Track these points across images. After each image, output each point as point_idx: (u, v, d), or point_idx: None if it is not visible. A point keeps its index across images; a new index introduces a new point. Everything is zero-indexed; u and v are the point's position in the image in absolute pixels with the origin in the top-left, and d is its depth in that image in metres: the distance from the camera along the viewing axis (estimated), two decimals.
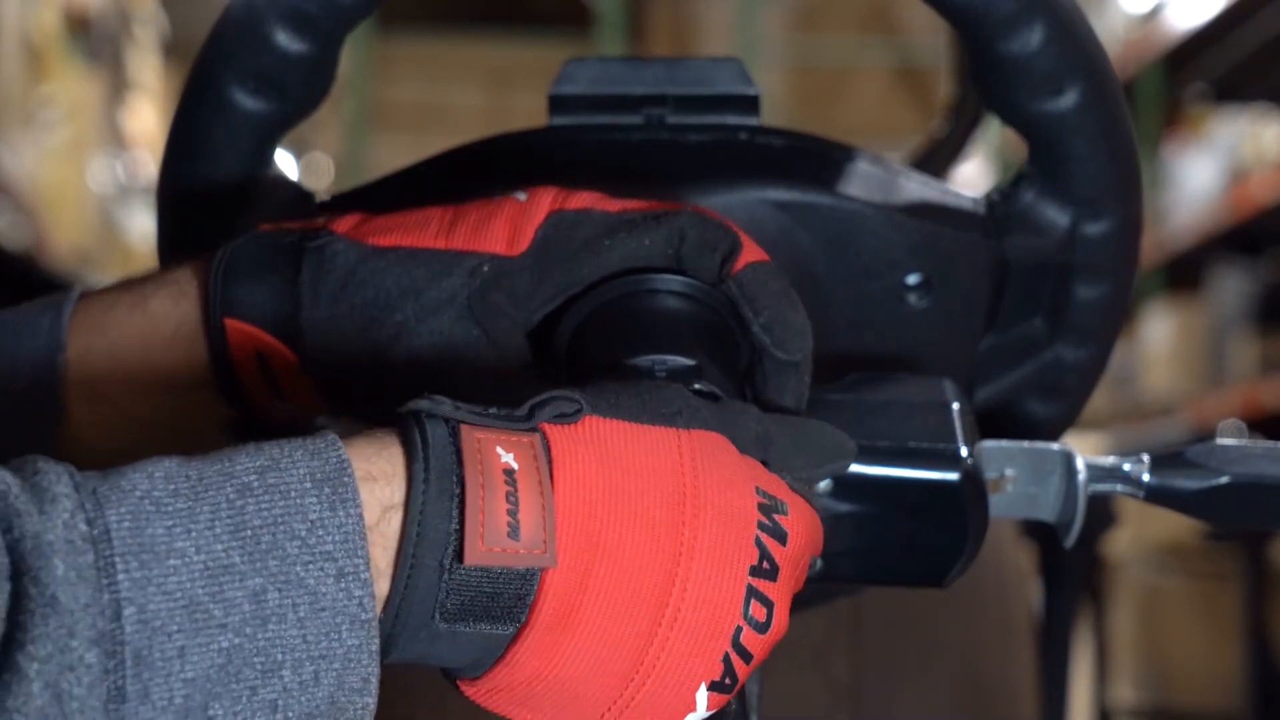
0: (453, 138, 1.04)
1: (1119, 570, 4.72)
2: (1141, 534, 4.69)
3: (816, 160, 0.98)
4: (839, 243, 0.96)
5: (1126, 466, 0.90)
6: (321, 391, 0.84)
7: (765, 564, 0.71)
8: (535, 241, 0.82)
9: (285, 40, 0.93)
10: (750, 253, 0.82)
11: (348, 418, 1.03)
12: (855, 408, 0.86)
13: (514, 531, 0.66)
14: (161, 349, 0.85)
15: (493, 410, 0.69)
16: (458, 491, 0.66)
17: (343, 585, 0.64)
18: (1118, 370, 5.79)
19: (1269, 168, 5.30)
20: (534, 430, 0.69)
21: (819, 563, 0.87)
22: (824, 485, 0.85)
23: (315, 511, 0.64)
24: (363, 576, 0.64)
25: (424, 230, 0.83)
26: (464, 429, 0.67)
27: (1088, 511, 0.90)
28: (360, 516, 0.65)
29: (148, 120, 6.67)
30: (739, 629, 0.70)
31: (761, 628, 0.71)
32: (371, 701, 0.65)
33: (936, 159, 1.76)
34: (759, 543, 0.70)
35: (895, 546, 0.87)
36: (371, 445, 0.68)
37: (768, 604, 0.71)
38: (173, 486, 0.63)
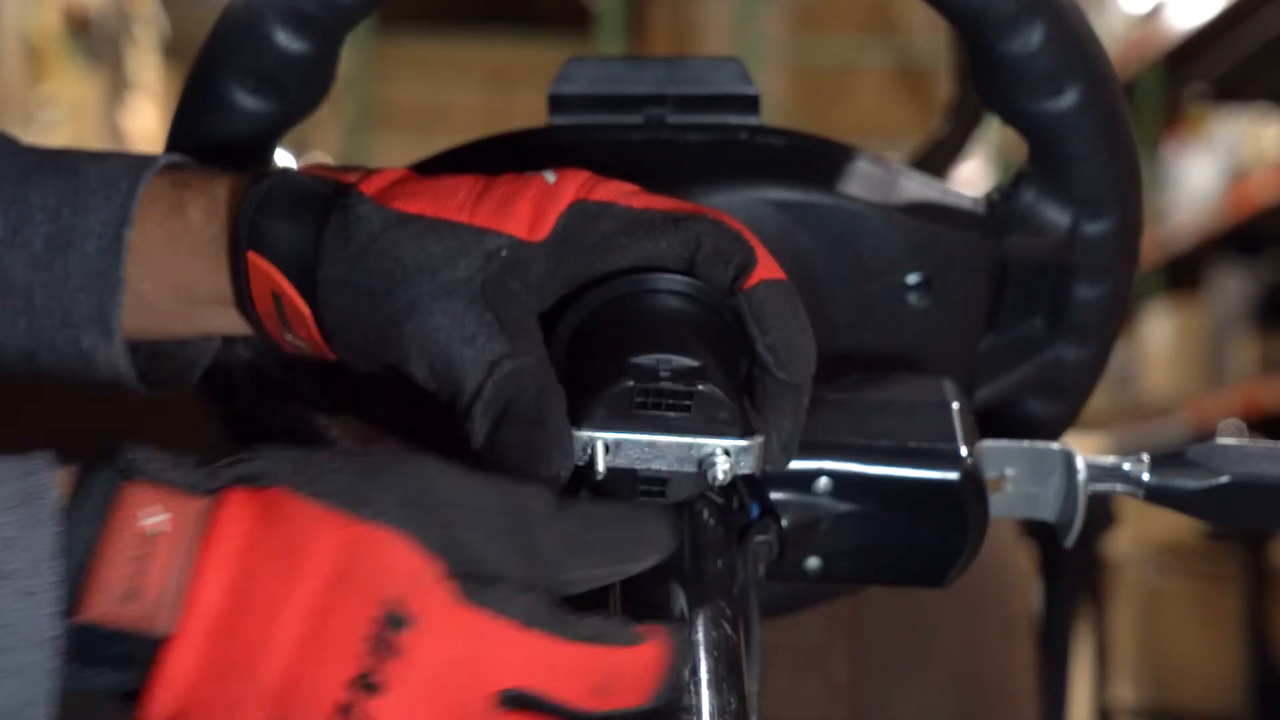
0: (453, 138, 1.04)
1: (1119, 570, 4.72)
2: (1141, 534, 4.69)
3: (816, 160, 0.98)
4: (839, 243, 0.96)
5: (1126, 466, 0.90)
6: (329, 346, 0.84)
7: (373, 678, 0.68)
8: (556, 229, 0.81)
9: (285, 40, 0.93)
10: (765, 269, 0.81)
11: (348, 417, 1.03)
12: (855, 408, 0.86)
13: (130, 596, 0.67)
14: (189, 256, 0.86)
15: (169, 469, 0.69)
16: (89, 549, 0.67)
17: (26, 604, 0.66)
18: (1118, 370, 5.79)
19: (1269, 168, 5.30)
20: (208, 494, 0.69)
21: (817, 562, 0.88)
22: (824, 485, 0.85)
23: (12, 530, 0.66)
24: (48, 595, 0.66)
25: (450, 200, 0.82)
26: (122, 489, 0.68)
27: (1088, 511, 0.90)
28: (55, 537, 0.66)
29: (148, 120, 6.67)
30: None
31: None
32: (50, 712, 0.67)
33: (936, 159, 1.76)
34: (372, 649, 0.69)
35: (895, 546, 0.87)
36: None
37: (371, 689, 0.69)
38: None
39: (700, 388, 0.79)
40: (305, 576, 0.68)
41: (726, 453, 0.78)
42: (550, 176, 0.83)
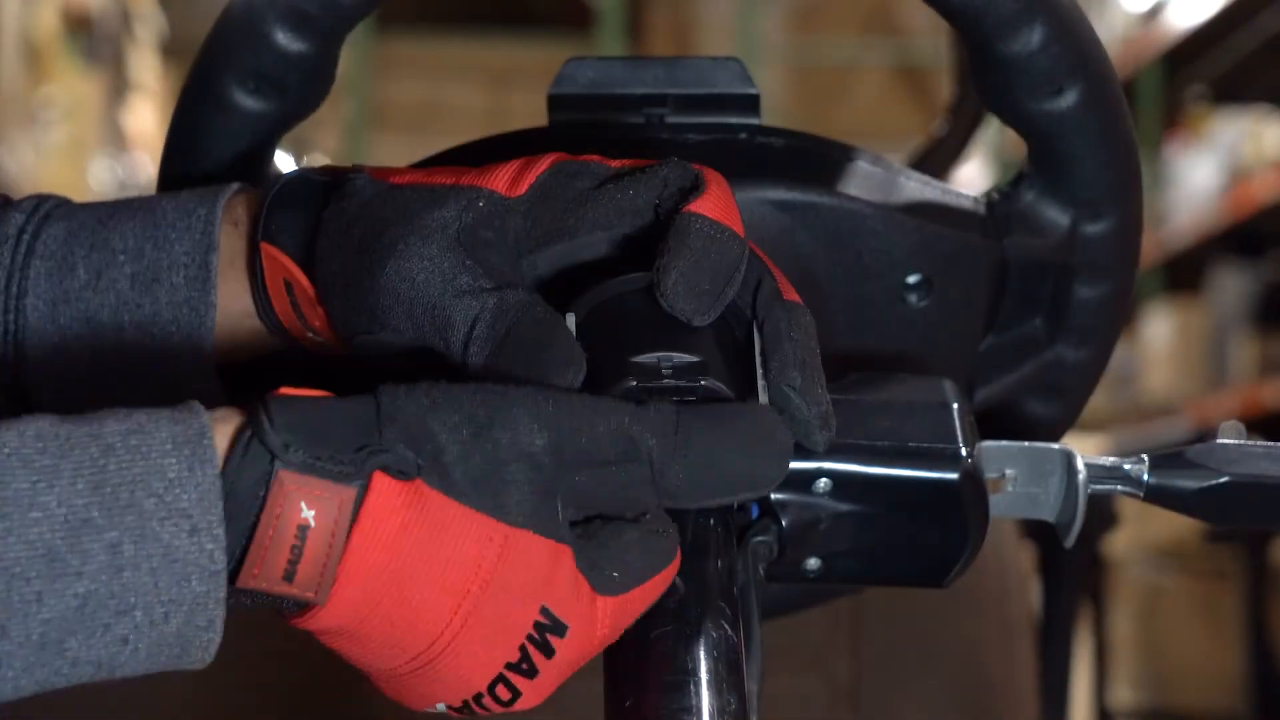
0: (453, 138, 1.04)
1: (1119, 570, 4.71)
2: (1141, 534, 4.69)
3: (816, 160, 0.98)
4: (839, 243, 0.96)
5: (1126, 466, 0.90)
6: (333, 325, 0.86)
7: (524, 664, 0.75)
8: (534, 185, 0.83)
9: (285, 40, 0.93)
10: (704, 207, 0.80)
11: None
12: (855, 408, 0.86)
13: (289, 577, 0.71)
14: (220, 277, 0.89)
15: (322, 455, 0.71)
16: (254, 523, 0.71)
17: (195, 540, 0.69)
18: (1118, 370, 5.79)
19: (1269, 168, 5.30)
20: (355, 483, 0.71)
21: (817, 563, 0.87)
22: (824, 485, 0.85)
23: (174, 471, 0.69)
24: (215, 532, 0.69)
25: (442, 174, 0.85)
26: (279, 475, 0.71)
27: (1088, 511, 0.90)
28: (217, 478, 0.70)
29: (147, 120, 6.67)
30: (478, 695, 0.75)
31: (506, 703, 0.76)
32: (216, 638, 0.71)
33: (936, 159, 1.76)
34: (523, 649, 0.74)
35: (895, 546, 0.87)
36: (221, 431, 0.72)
37: (514, 692, 0.75)
38: (41, 444, 0.68)
39: (703, 383, 0.79)
40: (453, 576, 0.72)
41: None
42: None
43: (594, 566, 0.75)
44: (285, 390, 0.73)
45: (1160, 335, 5.98)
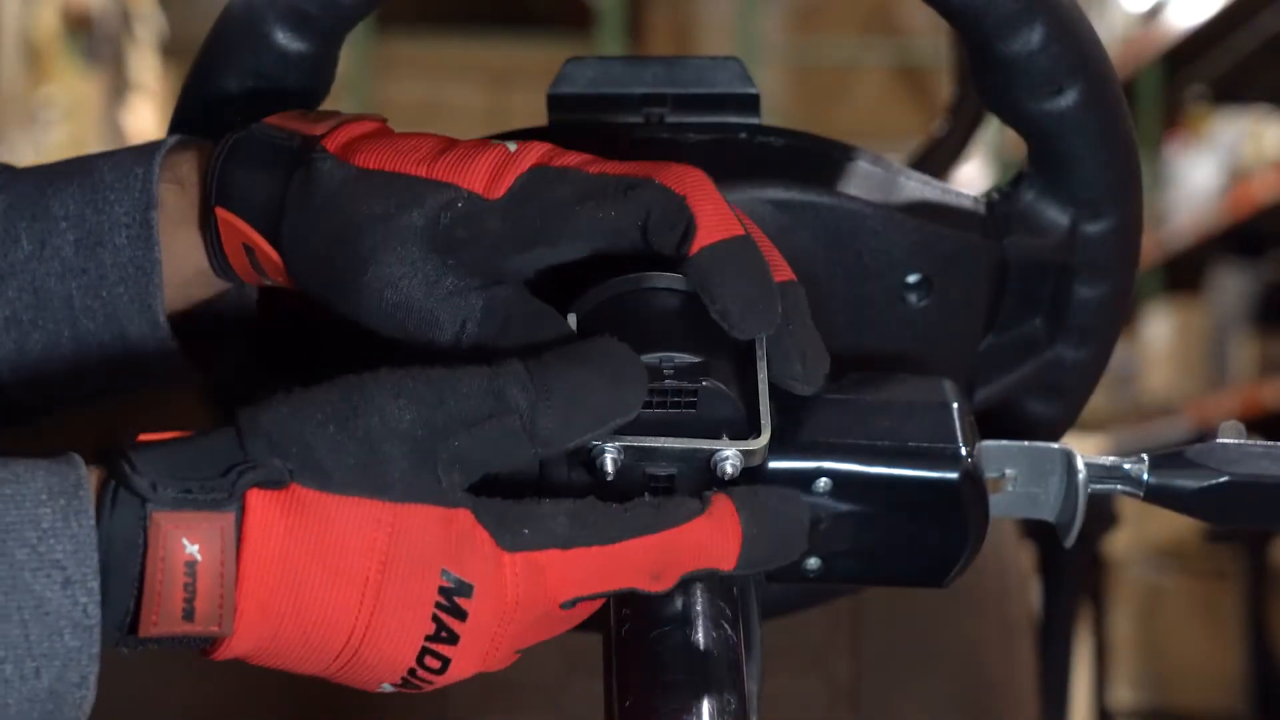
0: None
1: (1119, 570, 4.71)
2: (1141, 534, 4.69)
3: (816, 160, 0.98)
4: (839, 242, 0.95)
5: (1126, 466, 0.90)
6: (304, 296, 0.85)
7: (443, 633, 0.73)
8: (513, 189, 0.81)
9: (285, 40, 0.93)
10: (715, 229, 0.80)
11: None
12: (855, 408, 0.86)
13: (189, 615, 0.70)
14: (169, 236, 0.87)
15: (191, 487, 0.70)
16: (139, 571, 0.70)
17: (69, 592, 0.68)
18: (1118, 370, 5.79)
19: (1269, 168, 5.30)
20: (230, 508, 0.70)
21: (817, 563, 0.87)
22: (823, 485, 0.85)
23: (48, 521, 0.68)
24: (89, 585, 0.68)
25: (411, 155, 0.82)
26: (153, 518, 0.69)
27: (1088, 511, 0.90)
28: (93, 530, 0.68)
29: (147, 120, 6.67)
30: (411, 670, 0.74)
31: (437, 671, 0.74)
32: (90, 695, 0.69)
33: (936, 159, 1.76)
34: (436, 619, 0.73)
35: (895, 546, 0.87)
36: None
37: (442, 659, 0.74)
38: None
39: (705, 384, 0.79)
40: (350, 567, 0.71)
41: (736, 449, 0.79)
42: (511, 146, 0.83)
43: (501, 523, 0.73)
44: (145, 436, 0.72)
45: (1160, 335, 5.99)
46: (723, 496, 0.76)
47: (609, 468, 0.77)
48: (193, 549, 0.69)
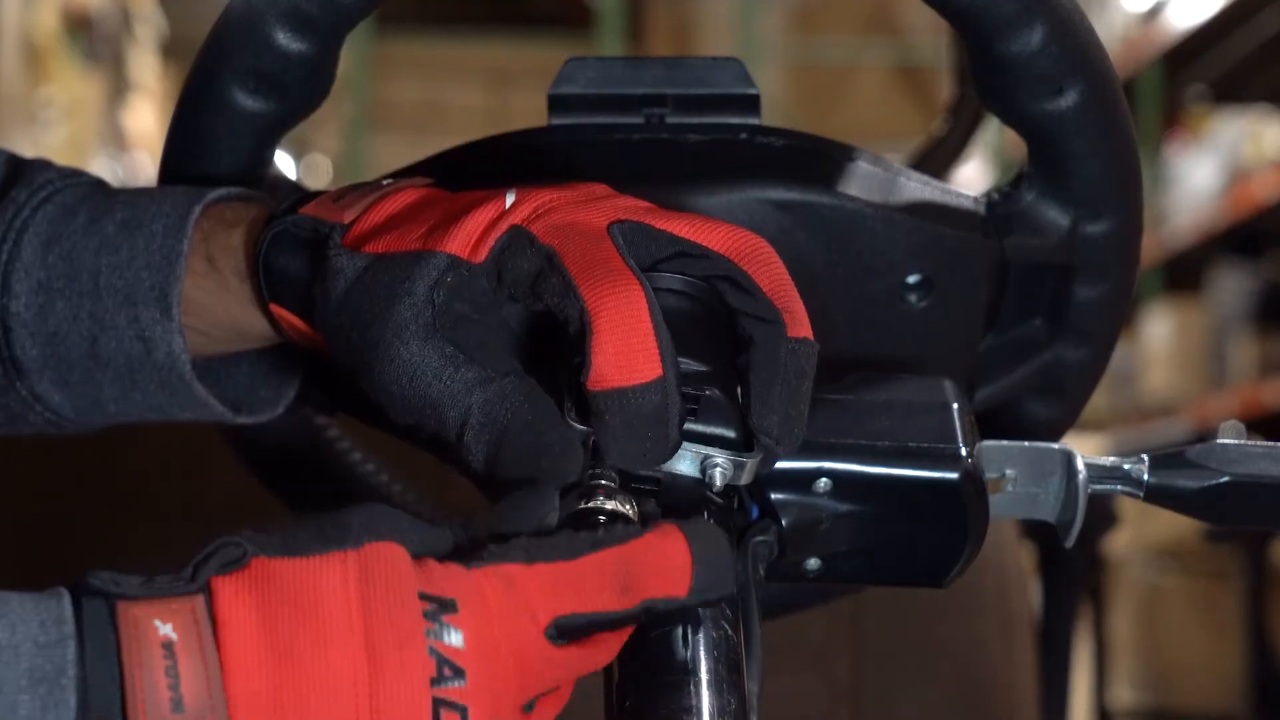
0: (452, 138, 1.04)
1: (1119, 570, 4.72)
2: (1141, 534, 4.69)
3: (816, 160, 0.98)
4: (839, 243, 0.95)
5: (1126, 466, 0.90)
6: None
7: (446, 670, 0.70)
8: (494, 250, 0.82)
9: (285, 40, 0.93)
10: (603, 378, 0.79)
11: (347, 417, 1.03)
12: (855, 408, 0.86)
13: (178, 705, 0.66)
14: (237, 308, 0.92)
15: (157, 579, 0.69)
16: (118, 676, 0.66)
17: None
18: (1118, 370, 5.79)
19: (1269, 168, 5.30)
20: (197, 592, 0.68)
21: (817, 563, 0.87)
22: (824, 485, 0.85)
23: (25, 709, 0.65)
24: None
25: (415, 231, 0.83)
26: (121, 606, 0.67)
27: (1088, 512, 0.90)
28: (74, 715, 0.65)
29: (147, 120, 6.67)
30: None
31: None
32: None
33: (936, 159, 1.76)
34: (433, 651, 0.69)
35: (895, 546, 0.87)
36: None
37: (459, 709, 0.70)
38: None
39: (707, 392, 0.79)
40: (334, 622, 0.69)
41: (729, 461, 0.79)
42: (511, 196, 0.83)
43: (461, 549, 0.72)
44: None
45: (1160, 335, 5.99)
46: (670, 524, 0.74)
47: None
48: (166, 629, 0.67)
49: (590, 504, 0.76)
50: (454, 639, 0.70)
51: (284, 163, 1.00)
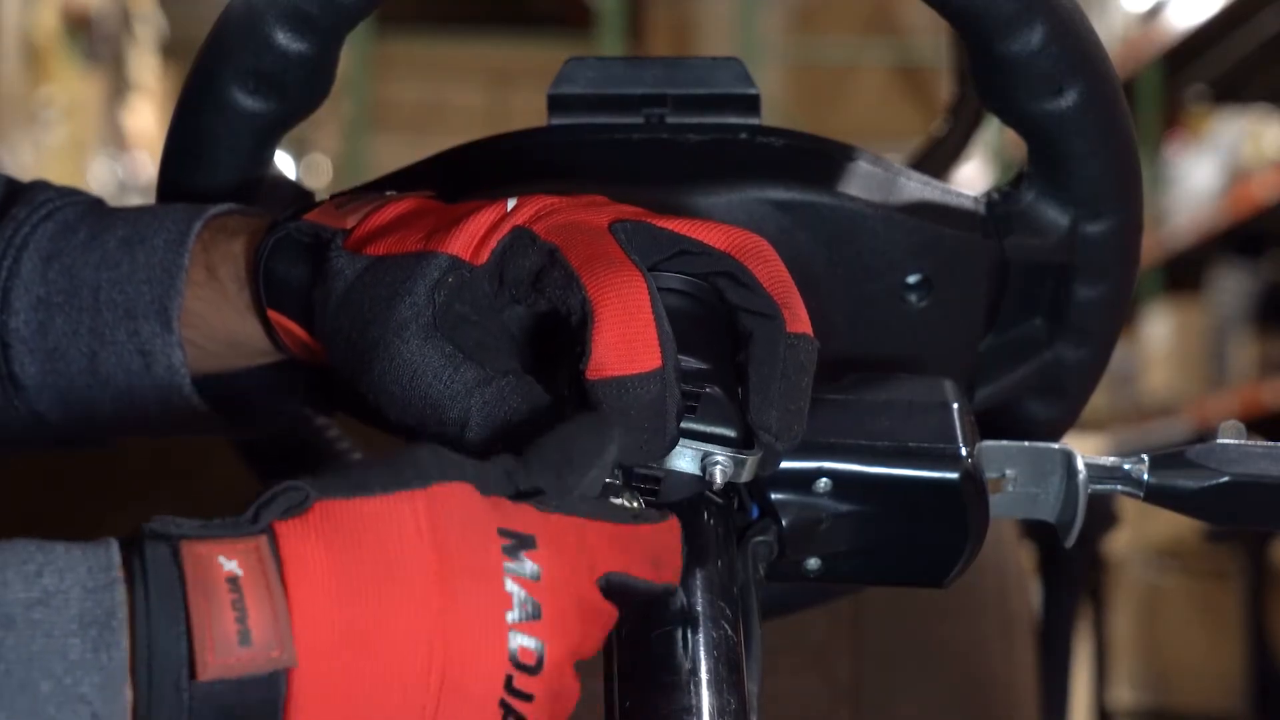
0: (452, 138, 1.04)
1: (1119, 570, 4.72)
2: (1141, 534, 4.69)
3: (816, 160, 0.98)
4: (839, 243, 0.95)
5: (1126, 466, 0.90)
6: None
7: (526, 606, 0.70)
8: (495, 252, 0.82)
9: (285, 40, 0.93)
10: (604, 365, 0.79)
11: (346, 416, 1.03)
12: (855, 408, 0.86)
13: (245, 638, 0.66)
14: (236, 318, 0.91)
15: (216, 521, 0.68)
16: (183, 612, 0.66)
17: None
18: (1118, 370, 5.79)
19: (1269, 168, 5.30)
20: (260, 533, 0.68)
21: (817, 563, 0.87)
22: (824, 485, 0.85)
23: (76, 653, 0.65)
24: None
25: (416, 234, 0.83)
26: (184, 545, 0.67)
27: (1088, 511, 0.90)
28: (124, 661, 0.65)
29: (147, 120, 6.68)
30: (510, 677, 0.70)
31: (533, 670, 0.70)
32: None
33: (936, 159, 1.76)
34: (512, 586, 0.70)
35: (895, 546, 0.87)
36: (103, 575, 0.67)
37: (537, 645, 0.70)
38: None
39: (708, 390, 0.79)
40: (406, 560, 0.68)
41: (729, 459, 0.79)
42: (512, 202, 0.83)
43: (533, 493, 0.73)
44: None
45: (1160, 335, 5.98)
46: (675, 519, 0.77)
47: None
48: (231, 564, 0.66)
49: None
50: (531, 571, 0.70)
51: (284, 163, 1.00)
